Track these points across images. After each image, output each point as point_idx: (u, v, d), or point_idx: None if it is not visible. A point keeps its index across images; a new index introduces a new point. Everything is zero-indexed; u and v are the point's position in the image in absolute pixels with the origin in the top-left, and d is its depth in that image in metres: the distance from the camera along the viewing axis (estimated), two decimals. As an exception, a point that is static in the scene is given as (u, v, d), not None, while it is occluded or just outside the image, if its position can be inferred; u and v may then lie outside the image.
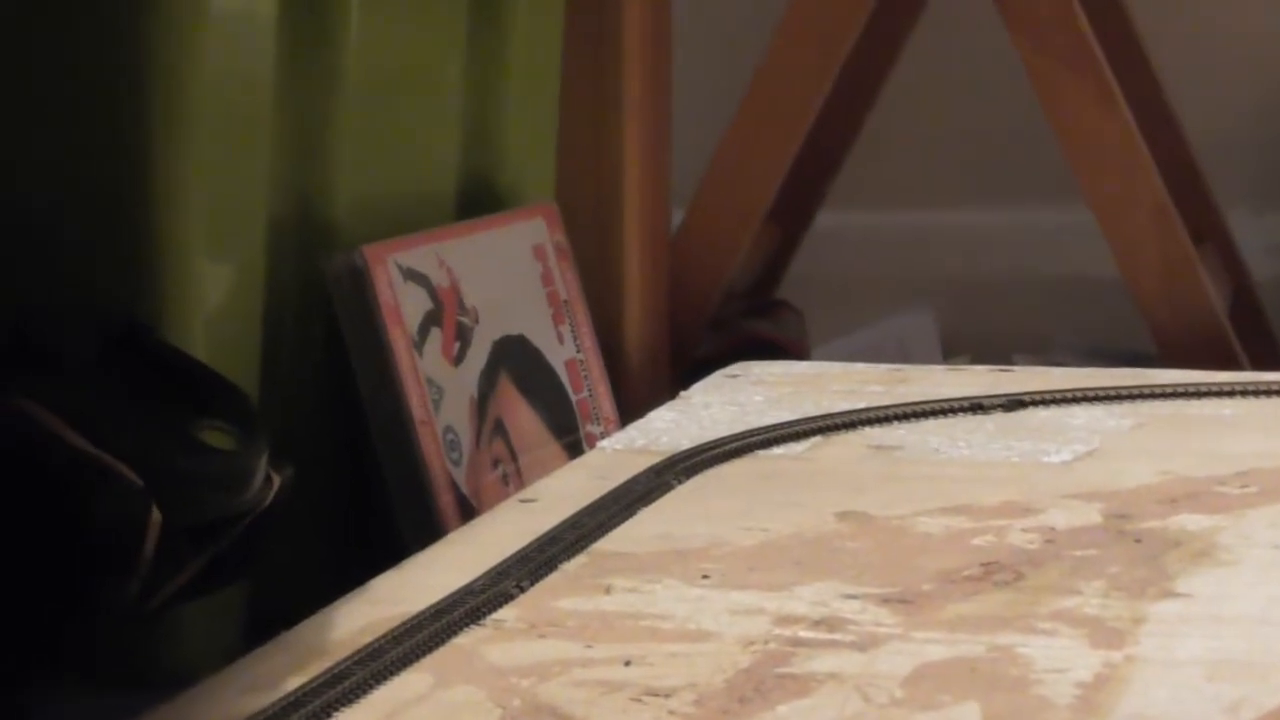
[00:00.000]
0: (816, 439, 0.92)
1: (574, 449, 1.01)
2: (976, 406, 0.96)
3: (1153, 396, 0.98)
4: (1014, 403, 0.97)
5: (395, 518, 0.90)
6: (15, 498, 0.67)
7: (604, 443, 0.92)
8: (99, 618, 0.70)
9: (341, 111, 0.90)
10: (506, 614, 0.68)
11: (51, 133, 0.78)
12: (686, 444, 0.89)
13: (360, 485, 0.92)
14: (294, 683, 0.60)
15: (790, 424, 0.93)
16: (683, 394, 1.01)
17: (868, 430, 0.93)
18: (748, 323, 1.42)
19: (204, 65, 0.78)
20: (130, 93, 0.77)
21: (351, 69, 0.90)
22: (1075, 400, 0.98)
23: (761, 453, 0.89)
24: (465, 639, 0.65)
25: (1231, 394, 0.98)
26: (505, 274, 1.01)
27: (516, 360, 1.00)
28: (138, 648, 0.79)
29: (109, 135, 0.77)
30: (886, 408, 0.95)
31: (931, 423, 0.94)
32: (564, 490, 0.83)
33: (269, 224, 0.85)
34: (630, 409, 1.05)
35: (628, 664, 0.62)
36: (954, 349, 1.66)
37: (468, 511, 0.90)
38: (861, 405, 0.96)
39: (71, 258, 0.78)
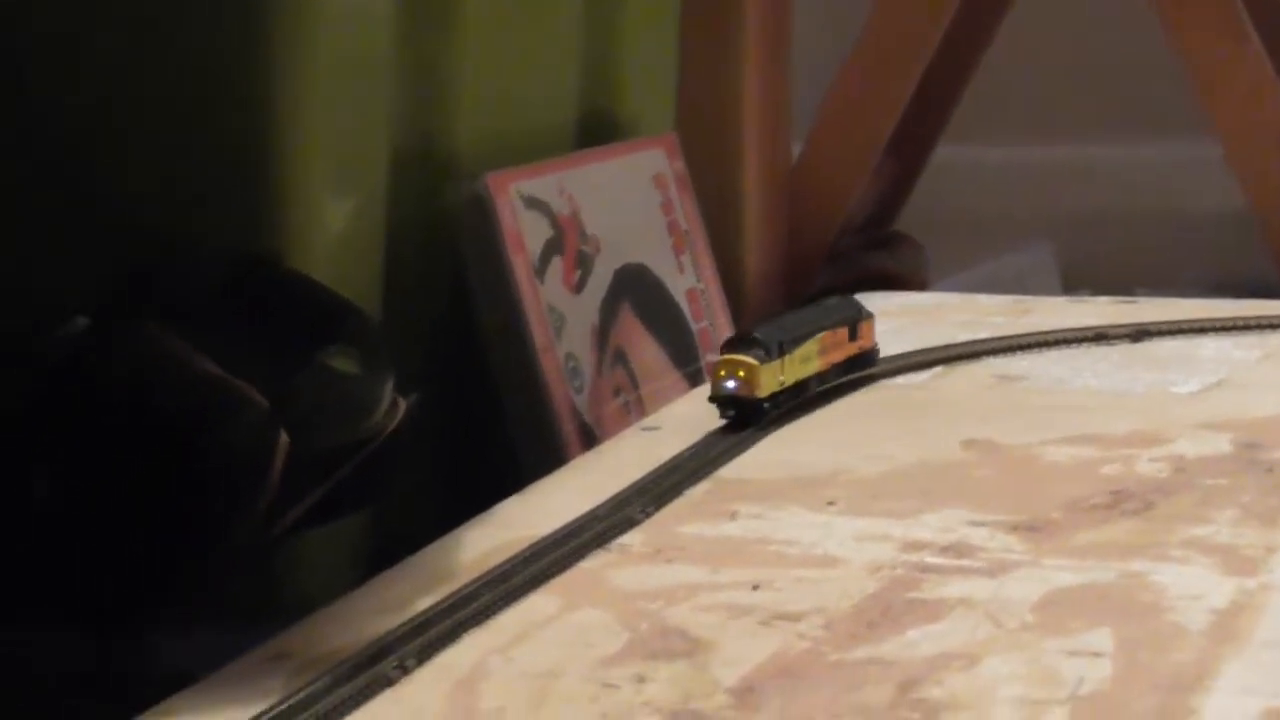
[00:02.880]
0: (939, 369, 0.91)
1: (695, 378, 1.01)
2: (1101, 337, 0.95)
3: (1281, 327, 0.97)
4: (1140, 333, 0.96)
5: (514, 447, 0.90)
6: (144, 422, 0.67)
7: (725, 372, 0.92)
8: (226, 543, 0.70)
9: (461, 44, 0.90)
10: (632, 539, 0.68)
11: (175, 73, 0.78)
12: (809, 373, 0.88)
13: (480, 413, 0.92)
14: (423, 604, 0.61)
15: (912, 354, 0.92)
16: (804, 324, 1.00)
17: (991, 360, 0.93)
18: (865, 257, 1.41)
19: (324, 2, 0.78)
20: (252, 31, 0.77)
21: (470, 1, 0.90)
22: (1202, 331, 0.97)
23: (885, 382, 0.89)
24: (591, 563, 0.65)
25: (1362, 324, 0.97)
26: (626, 203, 1.01)
27: (637, 289, 0.99)
28: (260, 579, 0.79)
29: (232, 74, 0.77)
30: (1009, 338, 0.95)
31: (1055, 353, 0.94)
32: (686, 418, 0.83)
33: (391, 156, 0.85)
34: (750, 340, 1.05)
35: (755, 588, 0.62)
36: (1074, 284, 1.64)
37: (589, 439, 0.90)
38: (984, 335, 0.95)
39: (198, 193, 0.78)
